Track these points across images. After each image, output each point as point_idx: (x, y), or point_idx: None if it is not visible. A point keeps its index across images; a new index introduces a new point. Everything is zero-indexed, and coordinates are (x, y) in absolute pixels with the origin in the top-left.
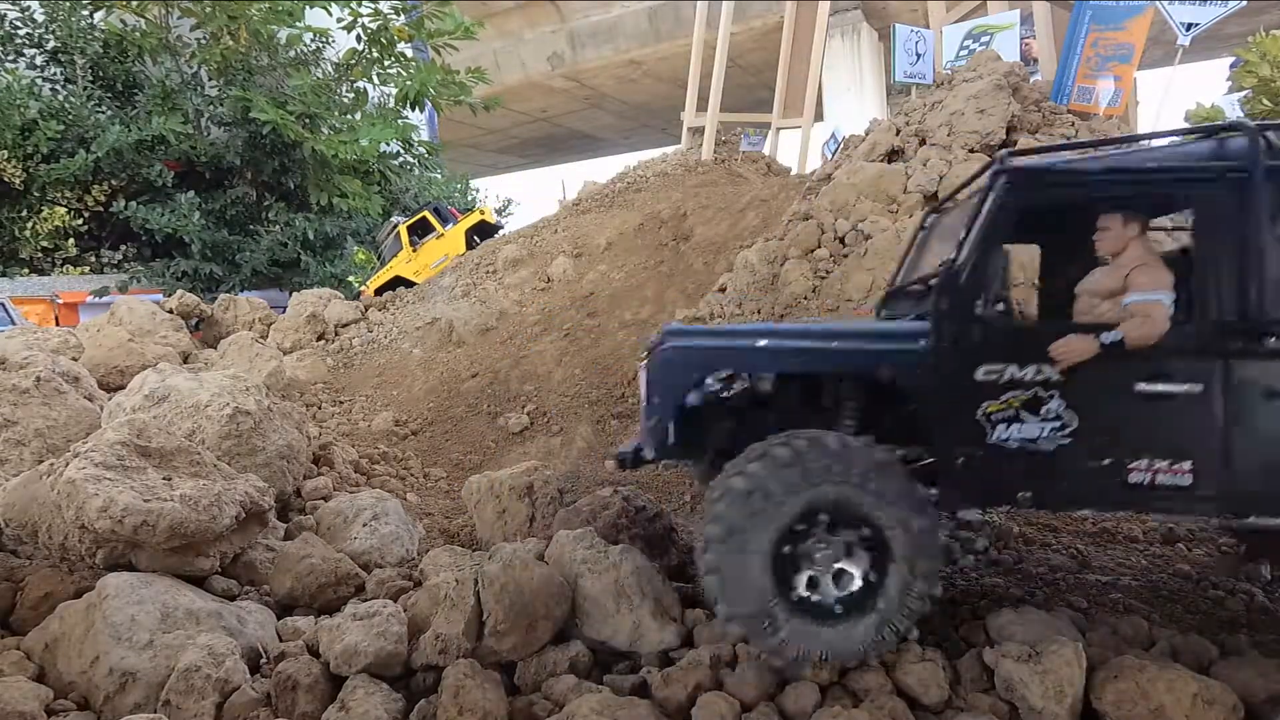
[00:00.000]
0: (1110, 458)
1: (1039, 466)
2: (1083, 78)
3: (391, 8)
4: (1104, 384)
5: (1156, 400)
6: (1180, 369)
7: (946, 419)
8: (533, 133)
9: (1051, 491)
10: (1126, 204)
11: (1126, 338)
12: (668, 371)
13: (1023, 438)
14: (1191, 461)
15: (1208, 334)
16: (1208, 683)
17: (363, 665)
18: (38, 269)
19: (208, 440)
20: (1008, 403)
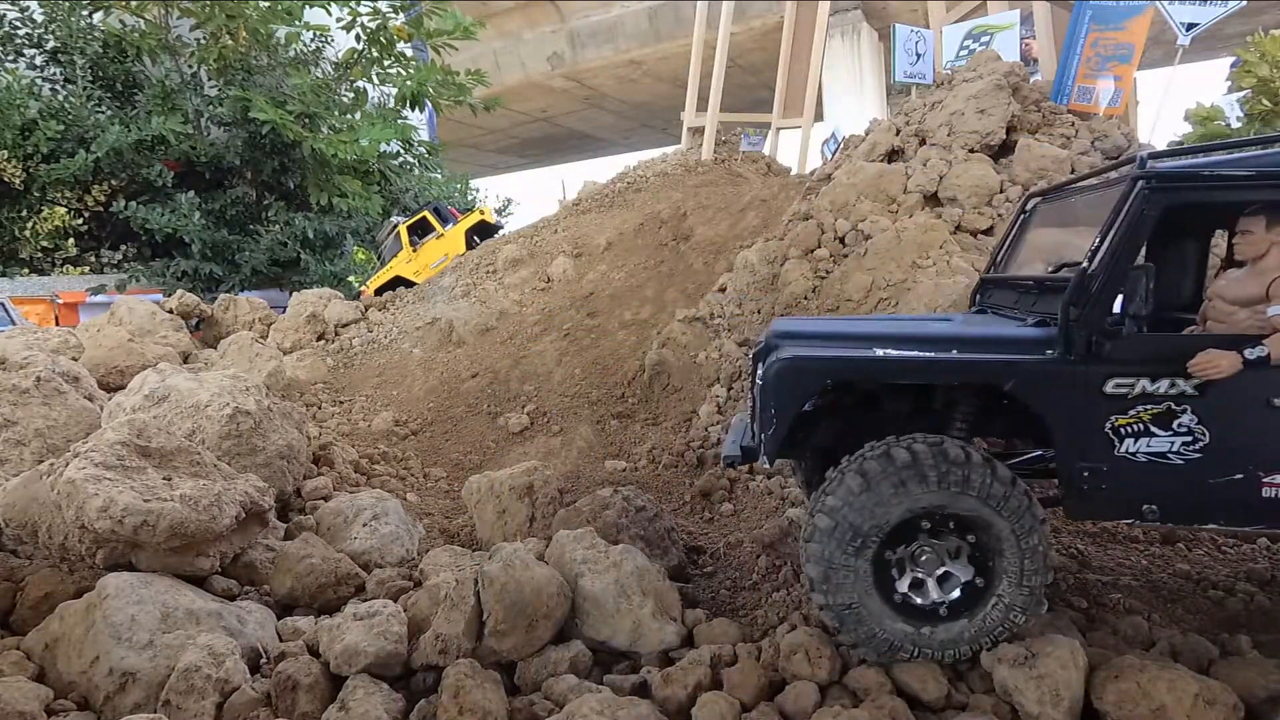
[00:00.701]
0: (1243, 472)
1: (1166, 480)
2: (1083, 78)
3: (391, 7)
4: (1240, 397)
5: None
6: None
7: (1072, 431)
8: (533, 133)
9: (1178, 505)
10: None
11: (1273, 353)
12: (786, 382)
13: (1151, 451)
14: None
15: None
16: (1208, 683)
17: (363, 665)
18: (38, 269)
19: (208, 440)
20: (1137, 416)
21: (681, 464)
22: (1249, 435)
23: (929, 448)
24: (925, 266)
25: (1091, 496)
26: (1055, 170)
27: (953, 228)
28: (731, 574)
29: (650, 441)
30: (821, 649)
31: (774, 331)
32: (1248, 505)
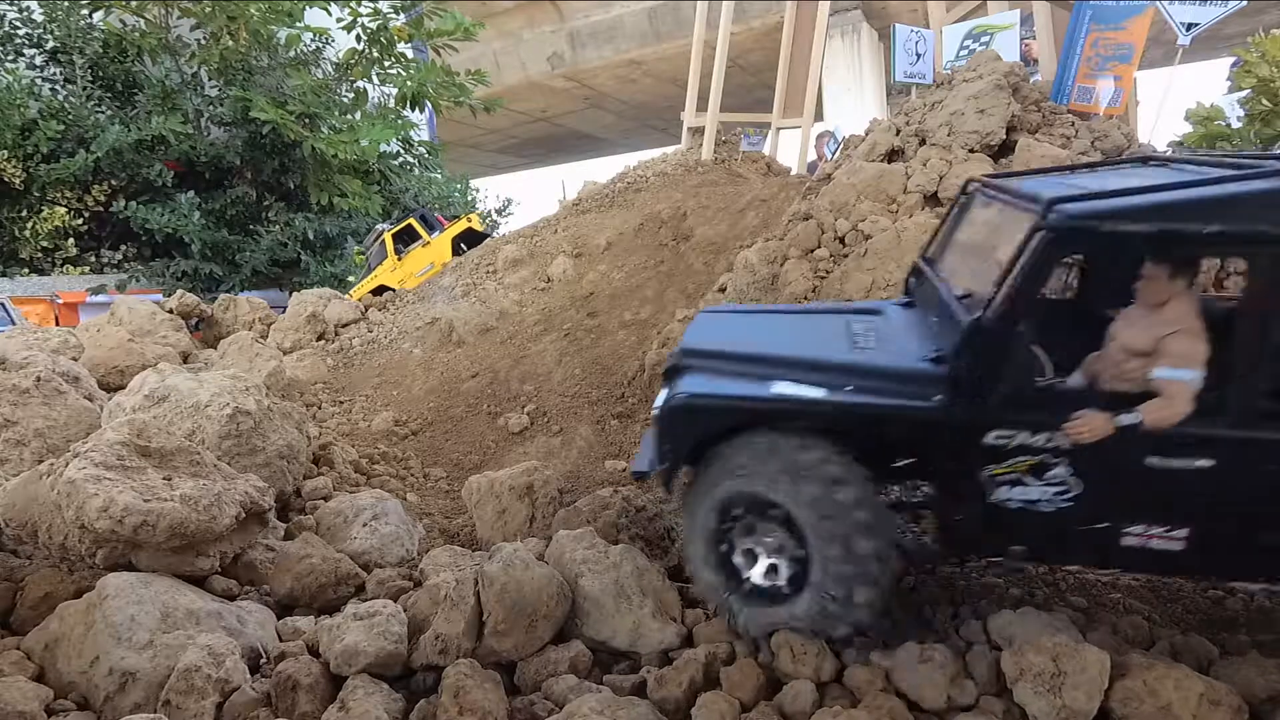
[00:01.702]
0: (1108, 521)
1: (1036, 525)
2: (1083, 78)
3: (391, 7)
4: (1115, 454)
5: (1165, 472)
6: (1193, 445)
7: (948, 475)
8: (533, 133)
9: (1045, 548)
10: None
11: (1145, 420)
12: (680, 422)
13: (1024, 499)
14: (1188, 530)
15: (1236, 409)
16: (1213, 683)
17: (363, 665)
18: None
19: (208, 440)
20: (1013, 467)
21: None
22: (1117, 489)
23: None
24: None
25: (963, 536)
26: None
27: None
28: None
29: None
30: (806, 646)
31: (684, 348)
32: (1108, 551)
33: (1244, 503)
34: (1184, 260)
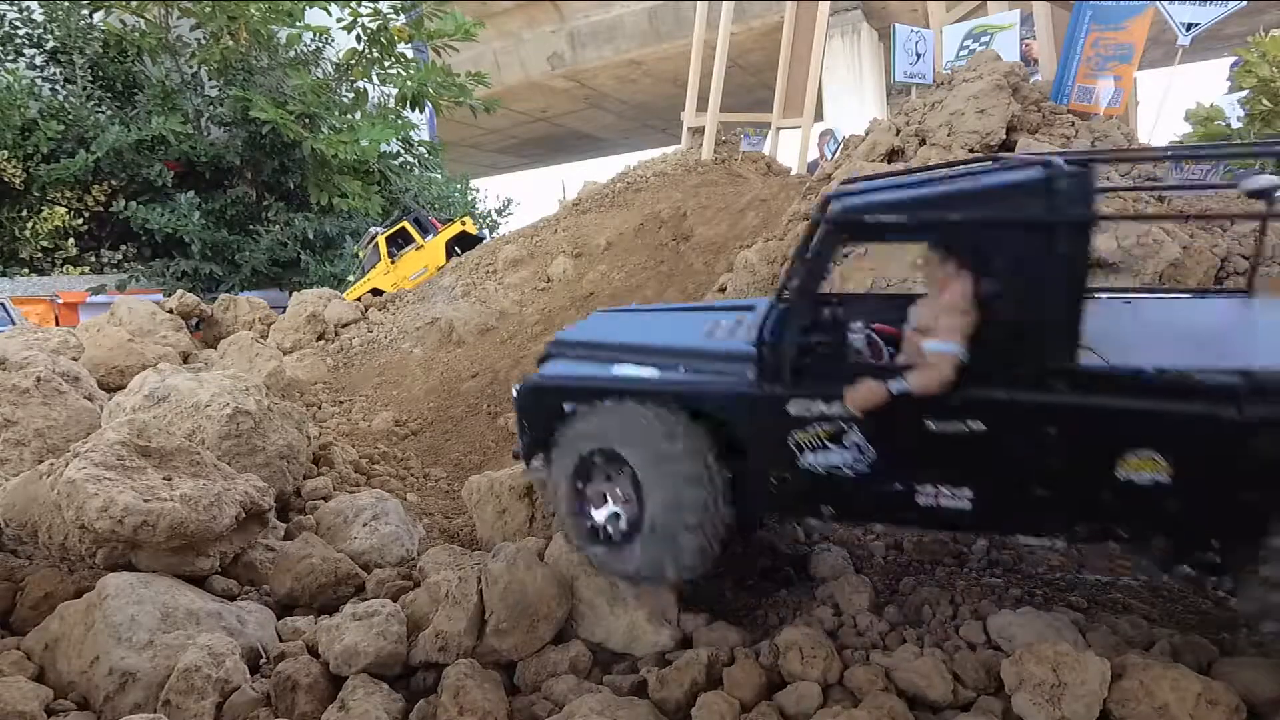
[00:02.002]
0: (901, 483)
1: (841, 488)
2: (1083, 78)
3: (391, 8)
4: (897, 419)
5: (944, 435)
6: (965, 409)
7: (761, 444)
8: (533, 133)
9: (851, 508)
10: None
11: (911, 387)
12: (530, 404)
13: (828, 464)
14: (971, 488)
15: (1001, 376)
16: (1211, 683)
17: (363, 665)
18: (38, 269)
19: (208, 440)
20: (815, 434)
21: None
22: (906, 453)
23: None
24: None
25: (780, 499)
26: None
27: None
28: (731, 574)
29: None
30: (816, 648)
31: (554, 339)
32: (905, 510)
33: (1016, 463)
34: (950, 247)
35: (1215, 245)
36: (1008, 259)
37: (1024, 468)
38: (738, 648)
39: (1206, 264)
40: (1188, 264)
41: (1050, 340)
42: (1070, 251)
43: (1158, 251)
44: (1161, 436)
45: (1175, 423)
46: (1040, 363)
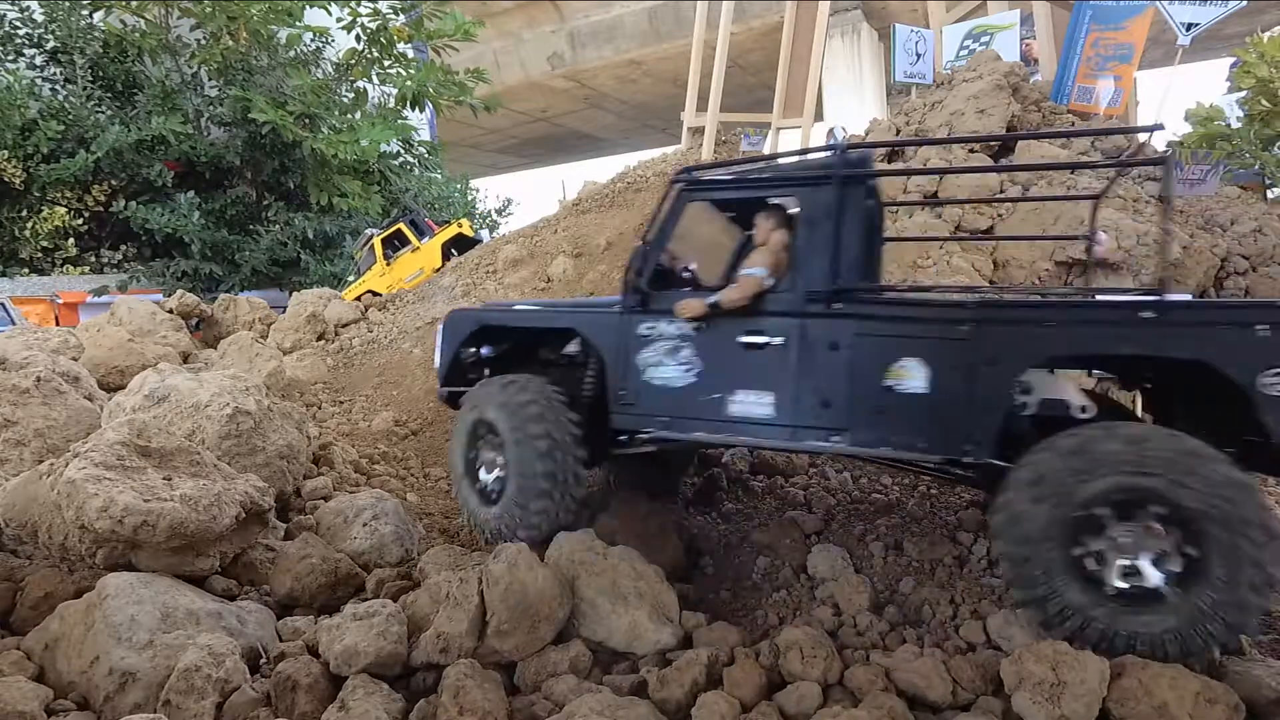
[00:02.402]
0: (720, 392)
1: (673, 400)
2: (1083, 77)
3: (390, 8)
4: (719, 335)
5: (752, 349)
6: (770, 326)
7: (616, 362)
8: (533, 133)
9: (677, 419)
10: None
11: (721, 300)
12: (448, 327)
13: (664, 378)
14: (774, 396)
15: (796, 300)
16: (1210, 682)
17: (363, 665)
18: (38, 269)
19: (208, 440)
20: (656, 351)
21: None
22: (722, 364)
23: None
24: (925, 266)
25: (625, 411)
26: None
27: (953, 228)
28: (731, 574)
29: None
30: (816, 648)
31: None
32: (719, 419)
33: (807, 371)
34: (763, 203)
35: (1215, 245)
36: (803, 212)
37: (809, 374)
38: (738, 648)
39: (1206, 264)
40: (1188, 264)
41: (831, 269)
42: (846, 205)
43: (1158, 251)
44: (918, 347)
45: (927, 337)
46: (823, 286)
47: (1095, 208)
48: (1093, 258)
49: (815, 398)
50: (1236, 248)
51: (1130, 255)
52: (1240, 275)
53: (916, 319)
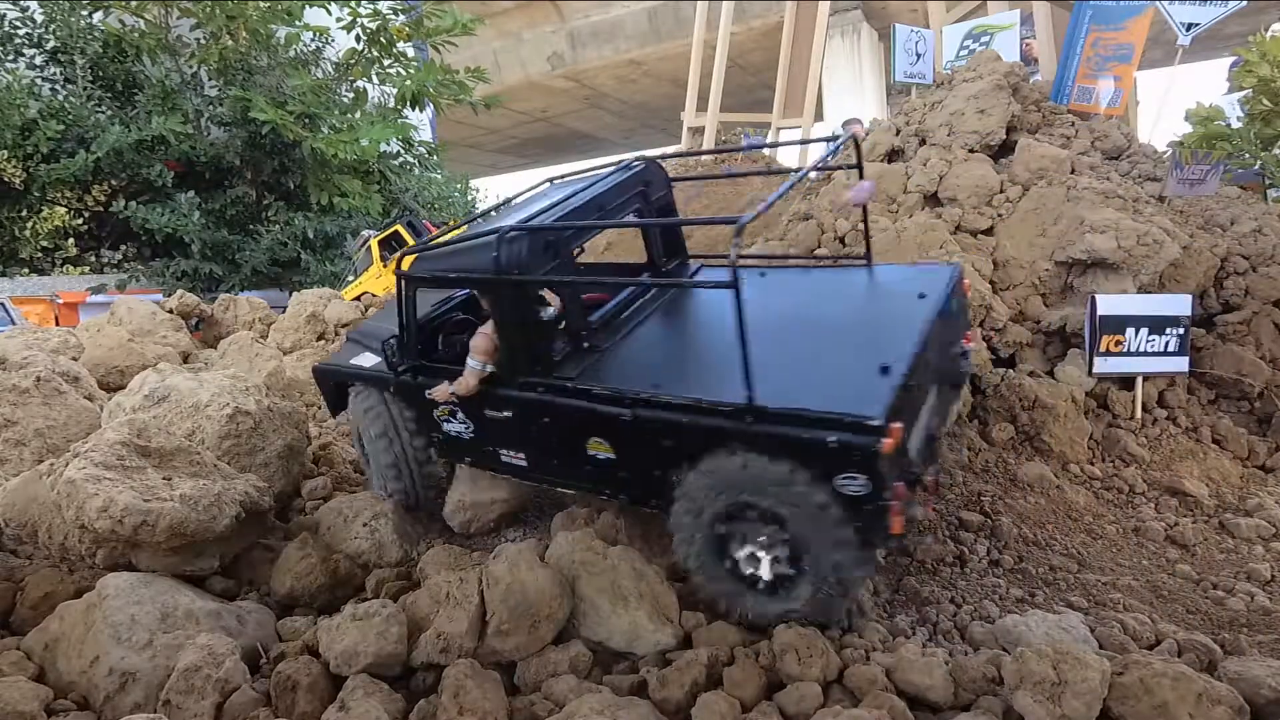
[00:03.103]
0: (492, 445)
1: (466, 445)
2: (1083, 78)
3: (390, 8)
4: (474, 406)
5: (494, 418)
6: (498, 403)
7: (419, 416)
8: (533, 133)
9: (477, 460)
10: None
11: (456, 390)
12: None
13: (454, 430)
14: (524, 452)
15: (510, 384)
16: (1213, 682)
17: (363, 665)
18: (38, 269)
19: (208, 440)
20: (443, 411)
21: None
22: (483, 427)
23: None
24: None
25: (444, 451)
26: (1055, 170)
27: (953, 228)
28: None
29: None
30: (812, 648)
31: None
32: (499, 463)
33: (533, 437)
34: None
35: (1215, 245)
36: (490, 303)
37: (538, 441)
38: (738, 647)
39: (1206, 264)
40: (1187, 264)
41: (530, 359)
42: (520, 302)
43: (1158, 251)
44: (602, 428)
45: (607, 420)
46: (528, 373)
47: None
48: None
49: (546, 455)
50: (1236, 248)
51: (1130, 255)
52: (1240, 275)
53: (592, 407)
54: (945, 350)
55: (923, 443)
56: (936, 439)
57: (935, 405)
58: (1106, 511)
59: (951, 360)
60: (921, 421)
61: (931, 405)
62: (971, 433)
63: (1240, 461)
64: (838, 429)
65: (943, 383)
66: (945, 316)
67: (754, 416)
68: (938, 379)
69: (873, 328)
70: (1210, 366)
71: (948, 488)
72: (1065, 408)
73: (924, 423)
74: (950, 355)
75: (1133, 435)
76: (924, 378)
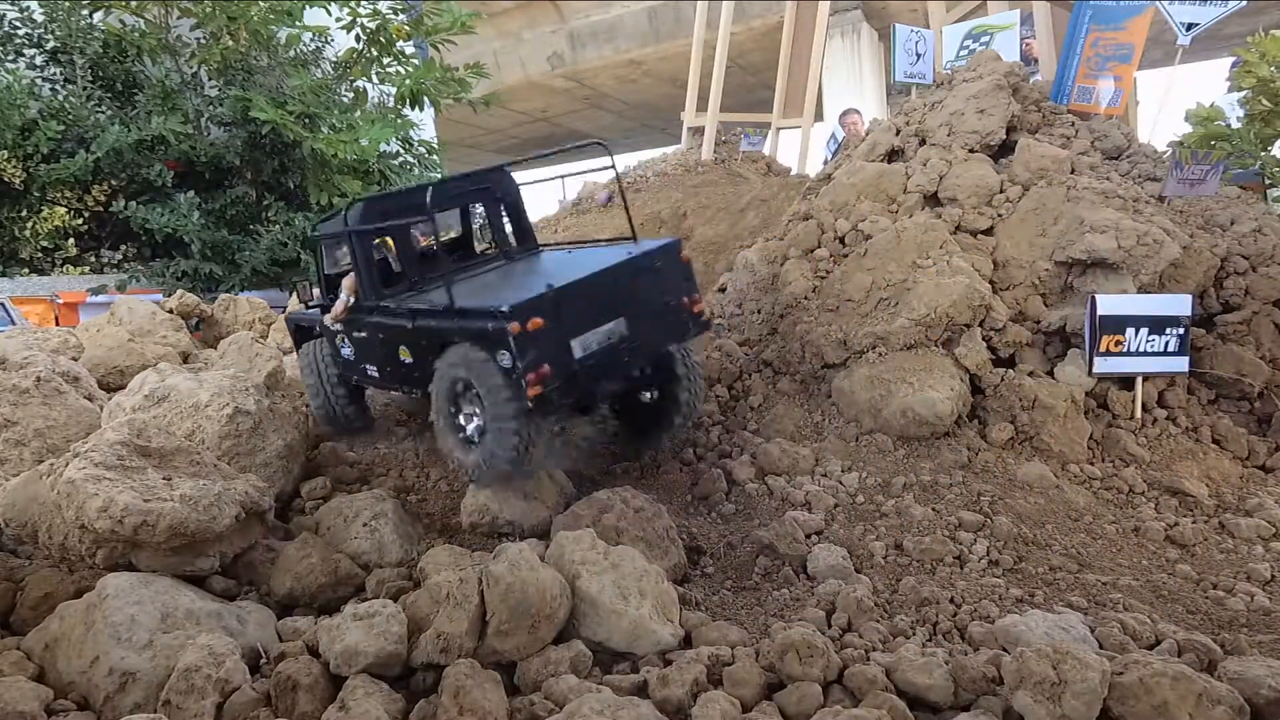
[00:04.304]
0: (365, 364)
1: (352, 365)
2: (1083, 78)
3: (390, 7)
4: (350, 332)
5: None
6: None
7: (331, 347)
8: (533, 133)
9: (360, 378)
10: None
11: (333, 315)
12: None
13: (346, 354)
14: (374, 365)
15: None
16: (1213, 682)
17: (363, 665)
18: (38, 269)
19: (208, 440)
20: (339, 339)
21: (682, 464)
22: (356, 347)
23: None
24: (925, 266)
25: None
26: (1055, 170)
27: (953, 227)
28: (731, 574)
29: None
30: (812, 647)
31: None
32: (367, 377)
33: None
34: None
35: (1215, 245)
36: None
37: (378, 354)
38: (738, 647)
39: (1206, 264)
40: (1188, 264)
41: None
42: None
43: (1158, 251)
44: (403, 337)
45: (401, 330)
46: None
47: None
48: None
49: (387, 365)
50: (1236, 248)
51: (1130, 255)
52: (1240, 275)
53: (397, 322)
54: (649, 298)
55: (600, 354)
56: (625, 359)
57: (628, 334)
58: (1106, 511)
59: (663, 310)
60: (596, 337)
61: (620, 332)
62: (971, 433)
63: (1240, 461)
64: (489, 317)
65: (647, 321)
66: (644, 271)
67: (455, 315)
68: (632, 314)
69: (572, 269)
70: (1210, 366)
71: (946, 487)
72: (1065, 408)
73: (599, 339)
74: (660, 305)
75: (1132, 435)
76: (599, 305)
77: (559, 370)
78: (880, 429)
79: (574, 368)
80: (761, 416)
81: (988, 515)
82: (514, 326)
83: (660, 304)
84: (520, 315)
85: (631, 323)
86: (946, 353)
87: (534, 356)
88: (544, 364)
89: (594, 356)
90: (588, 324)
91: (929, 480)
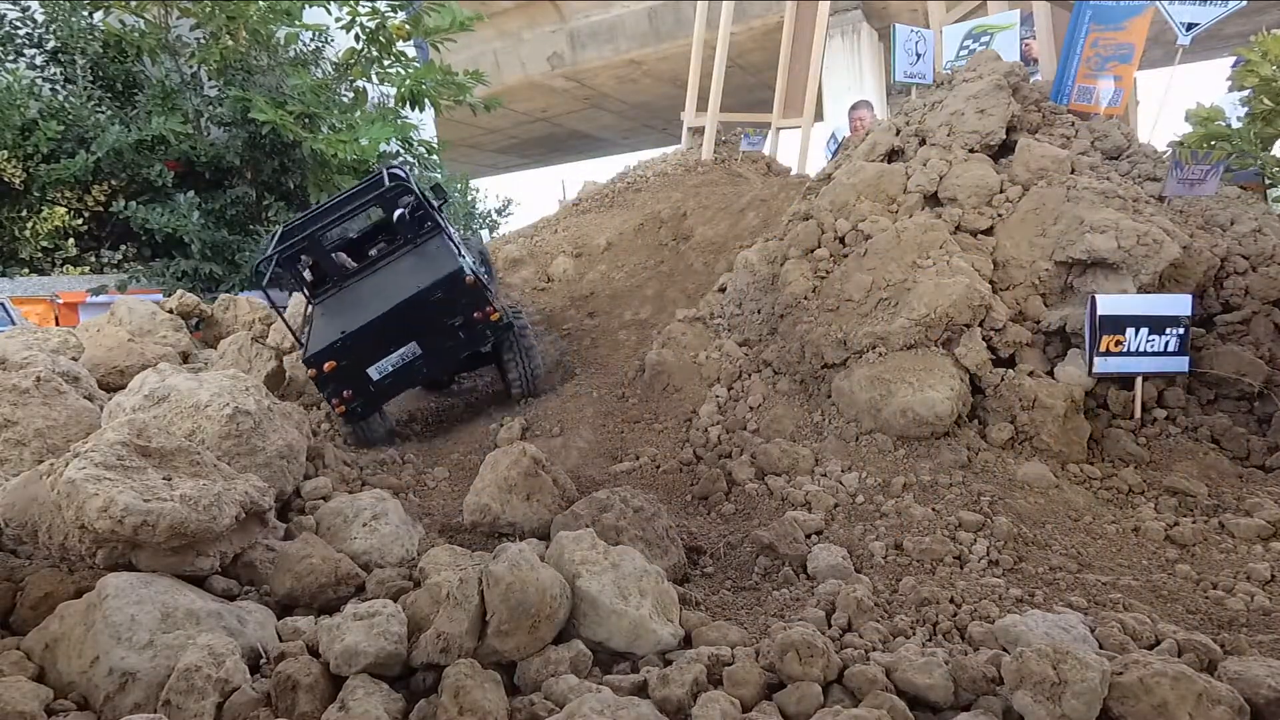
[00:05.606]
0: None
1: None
2: (1083, 78)
3: (389, 6)
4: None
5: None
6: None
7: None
8: (533, 133)
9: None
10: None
11: None
12: None
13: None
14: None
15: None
16: (1214, 682)
17: (363, 665)
18: (38, 269)
19: (208, 440)
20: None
21: (682, 464)
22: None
23: None
24: (925, 266)
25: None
26: (1055, 170)
27: (953, 228)
28: (731, 574)
29: (651, 442)
30: (812, 647)
31: None
32: None
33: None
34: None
35: (1215, 245)
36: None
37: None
38: (738, 647)
39: (1206, 264)
40: (1188, 263)
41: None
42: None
43: (1158, 251)
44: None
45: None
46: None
47: None
48: None
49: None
50: (1236, 248)
51: (1130, 255)
52: (1240, 275)
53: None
54: (436, 322)
55: (397, 372)
56: (423, 371)
57: (421, 353)
58: (1106, 511)
59: (453, 328)
60: (390, 360)
61: (414, 352)
62: (971, 433)
63: (1240, 461)
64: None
65: (439, 338)
66: (428, 304)
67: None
68: (422, 336)
69: (371, 308)
70: (1210, 366)
71: (946, 487)
72: (1065, 407)
73: (394, 361)
74: (449, 325)
75: (1132, 435)
76: (388, 337)
77: (359, 393)
78: (880, 429)
79: (372, 389)
80: (761, 416)
81: (987, 515)
82: (311, 373)
83: (449, 324)
84: (316, 362)
85: (424, 341)
86: (946, 353)
87: (333, 389)
88: (344, 391)
89: (390, 376)
90: (382, 352)
91: (929, 480)
